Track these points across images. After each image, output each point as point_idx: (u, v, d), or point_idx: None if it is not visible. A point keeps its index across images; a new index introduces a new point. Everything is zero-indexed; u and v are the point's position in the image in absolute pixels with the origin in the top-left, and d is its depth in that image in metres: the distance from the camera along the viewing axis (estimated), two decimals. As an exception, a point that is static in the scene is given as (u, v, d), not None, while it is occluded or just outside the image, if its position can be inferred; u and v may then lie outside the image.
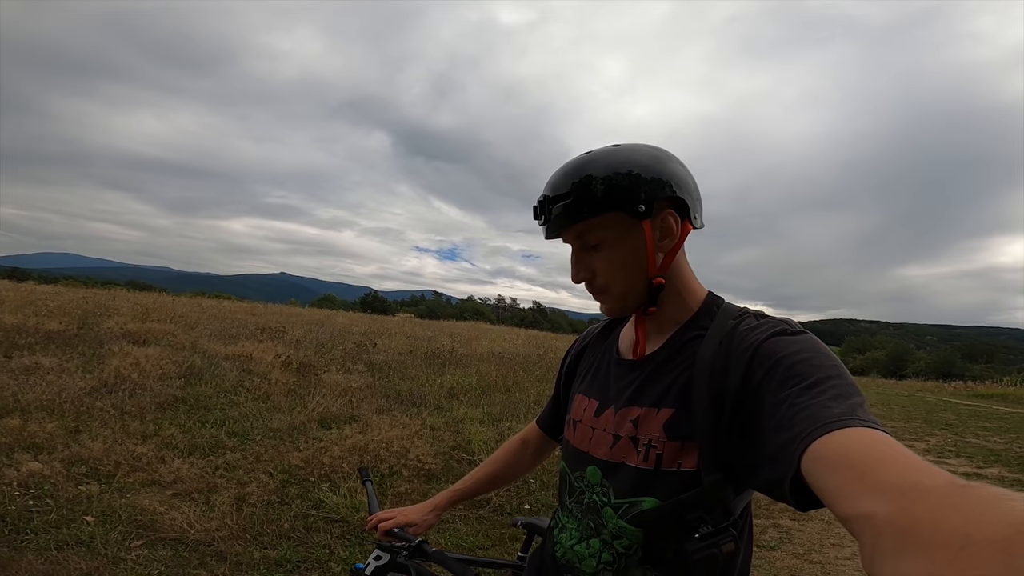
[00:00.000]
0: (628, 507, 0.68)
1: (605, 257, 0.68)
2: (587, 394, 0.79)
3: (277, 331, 9.10)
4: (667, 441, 0.65)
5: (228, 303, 16.77)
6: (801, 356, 0.55)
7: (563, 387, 0.90)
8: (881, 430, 0.43)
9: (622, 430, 0.70)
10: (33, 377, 4.39)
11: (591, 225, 0.67)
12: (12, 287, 11.62)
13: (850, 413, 0.45)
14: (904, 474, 0.36)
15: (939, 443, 6.90)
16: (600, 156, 0.67)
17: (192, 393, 4.83)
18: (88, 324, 7.02)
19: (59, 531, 2.37)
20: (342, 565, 2.49)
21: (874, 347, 66.09)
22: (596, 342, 0.86)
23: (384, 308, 46.45)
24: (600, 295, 0.71)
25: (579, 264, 0.70)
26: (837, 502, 0.39)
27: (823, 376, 0.52)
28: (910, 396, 14.70)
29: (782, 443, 0.49)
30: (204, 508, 2.75)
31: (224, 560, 2.36)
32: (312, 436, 4.17)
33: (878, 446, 0.40)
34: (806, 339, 0.59)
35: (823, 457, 0.43)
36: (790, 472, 0.46)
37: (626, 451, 0.69)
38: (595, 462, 0.72)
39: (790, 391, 0.52)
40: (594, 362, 0.82)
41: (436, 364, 8.11)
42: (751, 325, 0.65)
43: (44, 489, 2.69)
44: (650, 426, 0.67)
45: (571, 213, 0.66)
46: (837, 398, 0.48)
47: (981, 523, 0.27)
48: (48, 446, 3.17)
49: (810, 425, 0.46)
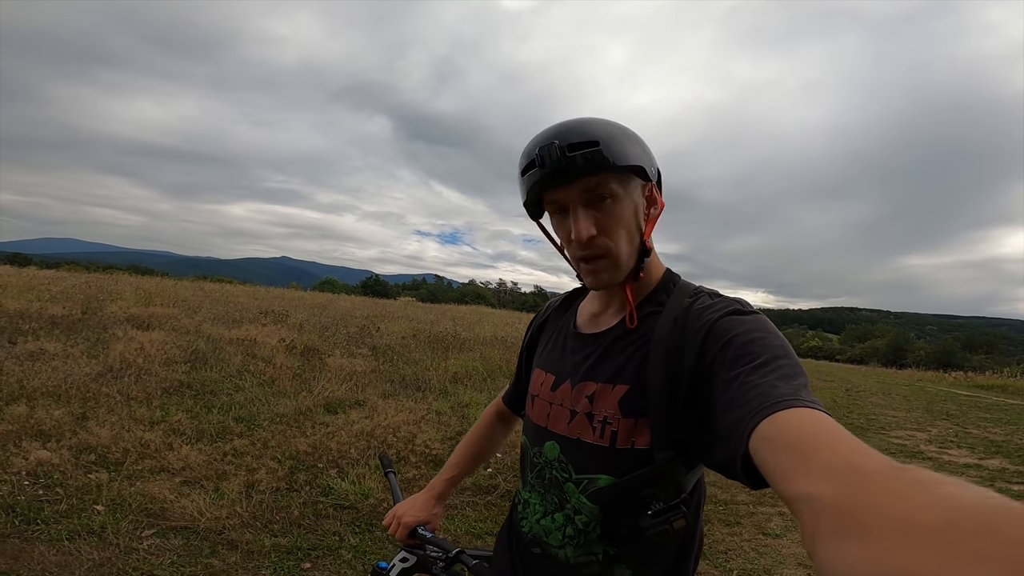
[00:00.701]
0: (588, 483, 0.69)
1: (614, 213, 0.66)
2: (544, 368, 0.79)
3: (280, 315, 9.10)
4: (622, 418, 0.66)
5: (230, 287, 16.76)
6: (752, 335, 0.57)
7: (524, 361, 0.90)
8: (823, 411, 0.44)
9: (578, 405, 0.70)
10: (38, 363, 4.37)
11: (609, 177, 0.65)
12: (14, 272, 11.59)
13: (795, 393, 0.47)
14: (845, 456, 0.36)
15: (941, 433, 6.93)
16: (608, 120, 0.68)
17: (198, 378, 4.83)
18: (91, 309, 7.00)
19: (70, 521, 2.36)
20: (353, 553, 2.49)
21: (874, 336, 66.21)
22: (556, 315, 0.86)
23: (386, 292, 46.49)
24: (599, 260, 0.68)
25: (589, 218, 0.66)
26: (781, 482, 0.40)
27: (772, 356, 0.53)
28: (911, 385, 14.75)
29: (732, 422, 0.49)
30: (214, 496, 2.75)
31: (235, 549, 2.36)
32: (319, 421, 4.17)
33: (821, 428, 0.41)
34: (757, 319, 0.61)
35: (769, 437, 0.44)
36: (739, 451, 0.47)
37: (582, 427, 0.69)
38: (553, 437, 0.73)
39: (741, 369, 0.53)
40: (553, 335, 0.82)
41: (440, 348, 8.10)
42: (706, 304, 0.66)
43: (53, 478, 2.69)
44: (605, 402, 0.68)
45: (599, 160, 0.64)
46: (784, 378, 0.50)
47: (921, 508, 0.27)
48: (56, 433, 3.17)
49: (759, 404, 0.47)
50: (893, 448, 5.72)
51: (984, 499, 0.26)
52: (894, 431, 6.80)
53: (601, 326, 0.74)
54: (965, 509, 0.26)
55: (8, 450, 2.89)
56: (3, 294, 7.11)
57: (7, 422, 3.20)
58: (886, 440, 6.12)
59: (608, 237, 0.67)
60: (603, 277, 0.69)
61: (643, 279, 0.72)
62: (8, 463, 2.74)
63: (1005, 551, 0.22)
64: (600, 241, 0.67)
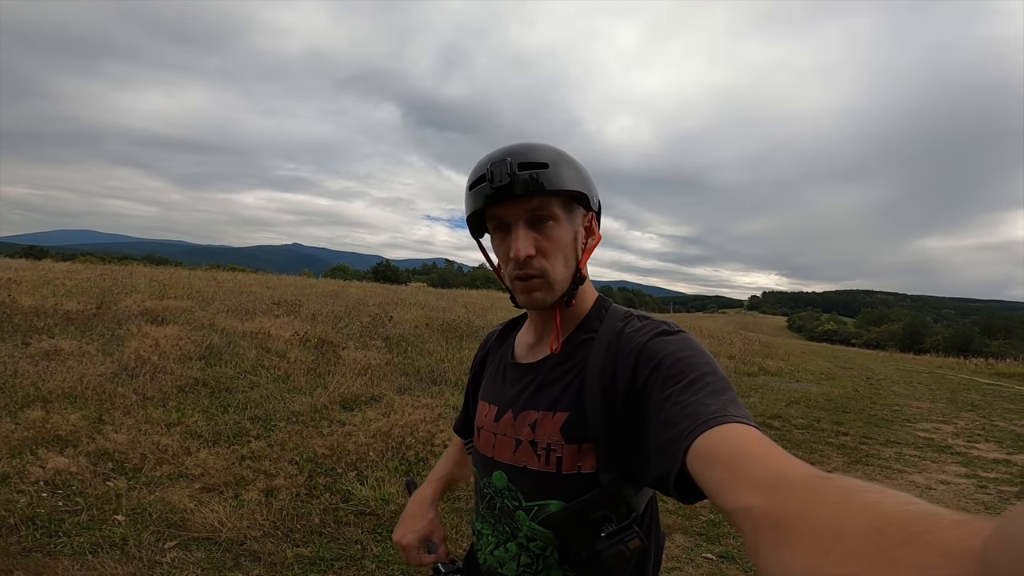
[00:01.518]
0: (538, 510, 0.70)
1: (553, 236, 0.68)
2: (487, 399, 0.81)
3: (293, 305, 9.09)
4: (565, 444, 0.68)
5: (243, 276, 16.84)
6: (680, 355, 0.60)
7: (471, 393, 0.91)
8: (751, 424, 0.47)
9: (522, 434, 0.72)
10: (53, 363, 4.36)
11: (553, 200, 0.68)
12: (30, 266, 11.69)
13: (724, 410, 0.49)
14: (773, 468, 0.39)
15: (967, 426, 6.73)
16: (558, 148, 0.70)
17: (212, 375, 4.80)
18: (106, 303, 7.00)
19: (91, 533, 2.32)
20: (376, 562, 2.44)
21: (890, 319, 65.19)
22: (495, 347, 0.87)
23: (396, 277, 46.65)
24: (534, 280, 0.69)
25: (529, 238, 0.68)
26: (719, 496, 0.41)
27: (700, 373, 0.56)
28: (931, 373, 14.44)
29: (667, 441, 0.51)
30: (233, 504, 2.70)
31: (258, 560, 2.31)
32: (335, 420, 4.12)
33: (750, 442, 0.44)
34: (683, 338, 0.64)
35: (704, 454, 0.46)
36: (675, 468, 0.49)
37: (527, 455, 0.71)
38: (500, 467, 0.74)
39: (672, 389, 0.56)
40: (493, 367, 0.84)
41: (453, 337, 8.04)
42: (635, 327, 0.69)
43: (72, 487, 2.65)
44: (547, 430, 0.69)
45: (549, 181, 0.66)
46: (713, 394, 0.53)
47: (849, 515, 0.28)
48: (72, 439, 3.13)
49: (692, 423, 0.49)
50: (920, 442, 5.55)
51: (907, 506, 0.27)
52: (919, 424, 6.61)
53: (538, 355, 0.76)
54: (891, 516, 0.27)
55: (25, 458, 2.86)
56: (18, 290, 7.13)
57: (23, 428, 3.17)
58: (912, 434, 5.95)
59: (545, 259, 0.68)
60: (536, 296, 0.70)
61: (575, 306, 0.74)
62: (26, 472, 2.71)
63: (933, 558, 0.23)
64: (537, 262, 0.68)
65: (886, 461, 4.73)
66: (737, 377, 8.95)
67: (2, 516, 2.34)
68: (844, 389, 9.04)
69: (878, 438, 5.55)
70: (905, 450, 5.16)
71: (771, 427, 5.64)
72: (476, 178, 0.69)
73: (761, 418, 5.95)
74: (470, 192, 0.71)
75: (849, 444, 5.19)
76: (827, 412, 6.71)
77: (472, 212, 0.71)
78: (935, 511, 0.26)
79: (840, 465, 4.50)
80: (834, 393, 8.37)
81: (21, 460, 2.85)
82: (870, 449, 5.09)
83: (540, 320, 0.77)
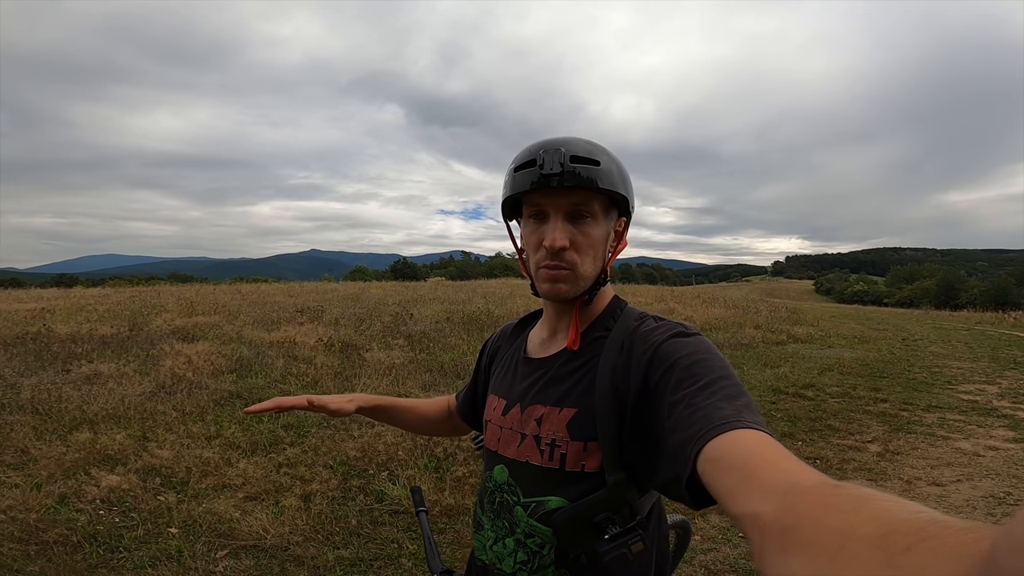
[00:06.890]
0: (536, 506, 0.69)
1: (589, 233, 0.69)
2: (497, 393, 0.81)
3: (316, 311, 9.28)
4: (570, 441, 0.67)
5: (265, 286, 17.23)
6: (695, 357, 0.59)
7: (481, 383, 0.91)
8: (764, 431, 0.47)
9: (527, 428, 0.72)
10: (95, 386, 4.56)
11: (596, 198, 0.69)
12: (62, 294, 12.14)
13: (737, 415, 0.49)
14: (784, 475, 0.38)
15: (1012, 386, 6.43)
16: (607, 149, 0.71)
17: (245, 386, 4.95)
18: (138, 325, 7.27)
19: (148, 547, 2.43)
20: (412, 561, 2.50)
21: (922, 276, 62.83)
22: (508, 342, 0.87)
23: (415, 274, 47.08)
24: (564, 271, 0.69)
25: (566, 230, 0.68)
26: (729, 502, 0.41)
27: (715, 377, 0.56)
28: (970, 330, 13.86)
29: (679, 443, 0.51)
30: (275, 511, 2.79)
31: (302, 565, 2.39)
32: (364, 422, 4.21)
33: (762, 448, 0.44)
34: (699, 340, 0.64)
35: (715, 459, 0.46)
36: (686, 472, 0.48)
37: (530, 450, 0.71)
38: (502, 461, 0.74)
39: (686, 392, 0.55)
40: (505, 361, 0.84)
41: (475, 329, 8.09)
42: (650, 327, 0.68)
43: (126, 504, 2.78)
44: (553, 425, 0.69)
45: (600, 178, 0.67)
46: (727, 399, 0.52)
47: (858, 522, 0.28)
48: (121, 457, 3.28)
49: (704, 427, 0.49)
50: (964, 405, 5.34)
51: (916, 513, 0.27)
52: (962, 385, 6.37)
53: (550, 351, 0.76)
54: (899, 523, 0.26)
55: (80, 478, 3.01)
56: (53, 318, 7.45)
57: (74, 449, 3.34)
58: (955, 396, 5.73)
59: (577, 253, 0.69)
60: (560, 288, 0.70)
61: (593, 304, 0.74)
62: (82, 492, 2.85)
63: (940, 562, 0.23)
64: (569, 255, 0.69)
65: (929, 427, 4.55)
66: (765, 347, 8.77)
67: (66, 534, 2.48)
68: (879, 352, 8.76)
69: (919, 403, 5.35)
70: (948, 415, 4.96)
71: (804, 397, 5.50)
72: (525, 161, 0.69)
73: (793, 388, 5.80)
74: (515, 173, 0.70)
75: (889, 411, 5.02)
76: (863, 378, 6.51)
77: (512, 194, 0.70)
78: (944, 518, 0.26)
79: (880, 434, 4.37)
80: (869, 357, 8.13)
81: (76, 480, 3.00)
82: (911, 415, 4.91)
83: (555, 315, 0.77)
